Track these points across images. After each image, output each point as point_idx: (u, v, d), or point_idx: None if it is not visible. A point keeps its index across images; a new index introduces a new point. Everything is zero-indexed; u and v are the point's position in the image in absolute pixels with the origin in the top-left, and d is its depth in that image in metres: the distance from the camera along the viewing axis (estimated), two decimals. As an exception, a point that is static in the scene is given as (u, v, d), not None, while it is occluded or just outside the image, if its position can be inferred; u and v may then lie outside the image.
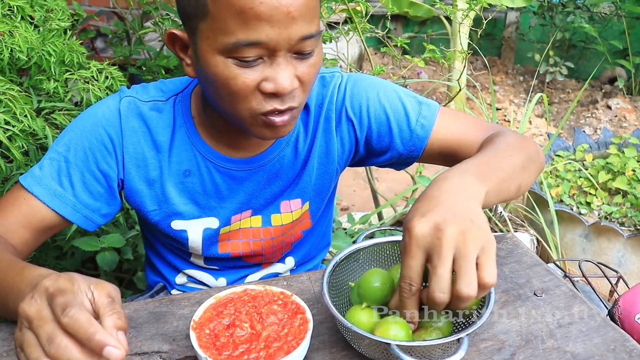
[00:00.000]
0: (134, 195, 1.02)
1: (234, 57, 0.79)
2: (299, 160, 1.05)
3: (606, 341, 0.84)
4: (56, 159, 0.96)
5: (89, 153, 0.96)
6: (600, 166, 2.87)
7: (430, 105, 1.04)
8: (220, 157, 1.01)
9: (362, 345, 0.76)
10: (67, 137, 0.97)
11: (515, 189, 0.91)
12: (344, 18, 2.13)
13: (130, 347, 0.82)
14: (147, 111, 0.99)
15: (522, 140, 0.98)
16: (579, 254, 2.52)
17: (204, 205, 1.04)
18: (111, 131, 0.97)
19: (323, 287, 0.80)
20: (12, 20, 1.29)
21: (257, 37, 0.77)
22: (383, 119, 1.03)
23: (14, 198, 0.95)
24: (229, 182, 1.03)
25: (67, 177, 0.96)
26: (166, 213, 1.03)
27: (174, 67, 2.20)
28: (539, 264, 1.03)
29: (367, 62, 4.69)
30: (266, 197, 1.06)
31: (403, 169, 1.14)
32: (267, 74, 0.81)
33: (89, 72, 1.38)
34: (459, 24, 2.02)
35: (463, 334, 0.71)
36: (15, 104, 1.16)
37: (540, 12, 4.67)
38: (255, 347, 0.73)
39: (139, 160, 0.99)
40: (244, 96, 0.83)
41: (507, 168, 0.87)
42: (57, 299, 0.61)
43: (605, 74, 4.76)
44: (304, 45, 0.81)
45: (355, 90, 1.04)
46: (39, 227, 0.95)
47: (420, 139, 1.03)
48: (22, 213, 0.93)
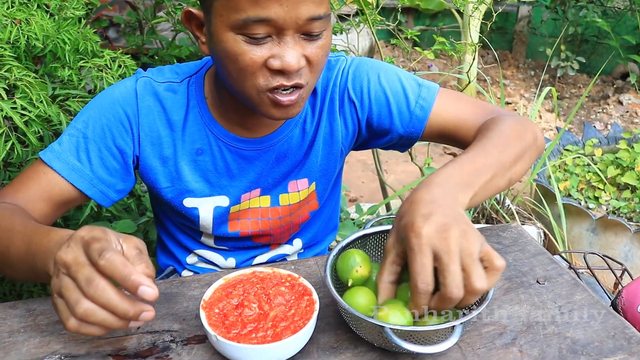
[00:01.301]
0: (149, 172, 1.05)
1: (244, 34, 0.83)
2: (306, 140, 1.08)
3: (606, 328, 0.85)
4: (75, 135, 0.99)
5: (107, 130, 1.00)
6: (609, 161, 2.87)
7: (429, 88, 1.06)
8: (231, 137, 1.04)
9: (359, 327, 0.78)
10: (85, 115, 1.00)
11: (505, 183, 0.92)
12: (355, 10, 2.14)
13: (141, 326, 0.85)
14: (162, 91, 1.02)
15: (520, 126, 0.98)
16: (585, 247, 2.53)
17: (215, 184, 1.07)
18: (128, 109, 1.00)
19: (326, 270, 0.82)
20: (28, 9, 1.32)
21: (266, 14, 0.80)
22: (383, 101, 1.05)
23: (33, 172, 0.98)
24: (239, 161, 1.06)
25: (85, 152, 0.99)
26: (179, 190, 1.06)
27: (185, 56, 2.22)
28: (542, 253, 1.05)
29: (378, 54, 4.69)
30: (274, 177, 1.09)
31: (405, 150, 1.16)
32: (274, 52, 0.84)
33: (103, 61, 1.41)
34: (469, 16, 2.03)
35: (457, 322, 0.73)
36: (32, 90, 1.18)
37: (552, 6, 4.66)
38: (263, 326, 0.75)
39: (154, 138, 1.02)
40: (251, 72, 0.86)
41: (496, 165, 0.88)
42: (93, 245, 0.66)
43: (617, 69, 4.74)
44: (312, 26, 0.84)
45: (357, 73, 1.06)
46: (58, 200, 0.98)
47: (420, 120, 1.05)
48: (41, 186, 0.97)
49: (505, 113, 1.03)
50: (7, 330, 0.84)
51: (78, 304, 0.66)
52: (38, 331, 0.83)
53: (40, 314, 0.87)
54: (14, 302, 0.90)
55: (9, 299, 1.46)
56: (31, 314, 0.87)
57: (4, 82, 1.14)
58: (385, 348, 0.78)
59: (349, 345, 0.81)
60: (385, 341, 0.75)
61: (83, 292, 0.66)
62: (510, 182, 0.93)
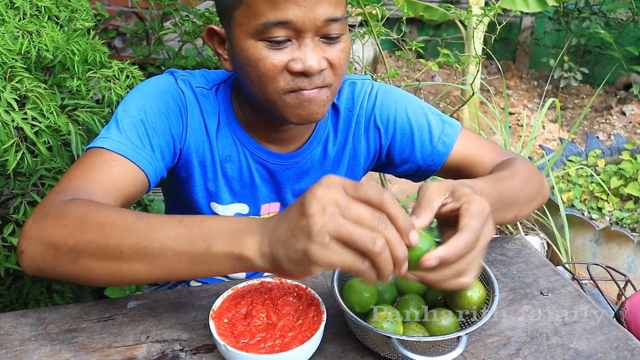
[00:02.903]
0: (188, 166, 1.04)
1: (264, 39, 0.86)
2: (327, 160, 1.11)
3: (609, 339, 0.86)
4: (132, 122, 0.94)
5: (164, 117, 0.98)
6: (612, 172, 2.88)
7: (453, 125, 1.11)
8: (257, 147, 1.06)
9: (366, 337, 0.79)
10: (138, 103, 0.96)
11: (512, 218, 0.98)
12: (359, 21, 2.16)
13: (151, 335, 0.86)
14: (199, 95, 1.03)
15: (534, 172, 1.05)
16: (589, 258, 2.53)
17: (237, 192, 1.09)
18: (179, 102, 1.00)
19: (333, 281, 0.83)
20: (39, 20, 1.34)
21: (285, 16, 0.83)
22: (407, 131, 1.10)
23: (100, 161, 0.90)
24: (262, 172, 1.08)
25: (146, 138, 0.95)
26: (209, 192, 1.08)
27: (192, 67, 2.24)
28: (546, 264, 1.06)
29: (381, 65, 4.72)
30: (294, 193, 1.12)
31: (419, 181, 1.19)
32: (295, 55, 0.87)
33: (111, 71, 1.42)
34: (473, 29, 2.05)
35: (462, 332, 0.74)
36: (42, 101, 1.20)
37: (555, 17, 4.68)
38: (271, 336, 0.76)
39: (197, 136, 1.03)
40: (272, 77, 0.88)
41: (516, 196, 0.94)
42: (347, 185, 0.63)
43: (620, 80, 4.76)
44: (330, 28, 0.87)
45: (385, 101, 1.11)
46: (130, 189, 0.91)
47: (441, 155, 1.09)
48: (114, 174, 0.89)
49: (520, 157, 1.08)
50: (19, 338, 0.85)
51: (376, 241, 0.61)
52: (49, 340, 0.85)
53: (50, 323, 0.88)
54: (25, 311, 0.91)
55: (16, 306, 1.47)
56: (42, 322, 0.89)
57: (15, 93, 1.16)
58: (391, 358, 0.79)
59: (355, 355, 0.82)
60: (392, 351, 0.76)
61: (372, 227, 0.61)
62: (515, 218, 0.99)
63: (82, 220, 0.76)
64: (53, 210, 0.80)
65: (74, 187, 0.85)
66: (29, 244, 0.79)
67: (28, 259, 0.80)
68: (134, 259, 0.73)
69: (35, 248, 0.79)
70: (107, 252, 0.74)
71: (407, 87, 2.20)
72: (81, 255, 0.76)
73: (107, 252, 0.74)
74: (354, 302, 0.81)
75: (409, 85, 2.09)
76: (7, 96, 1.12)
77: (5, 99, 1.12)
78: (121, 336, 0.86)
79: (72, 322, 0.89)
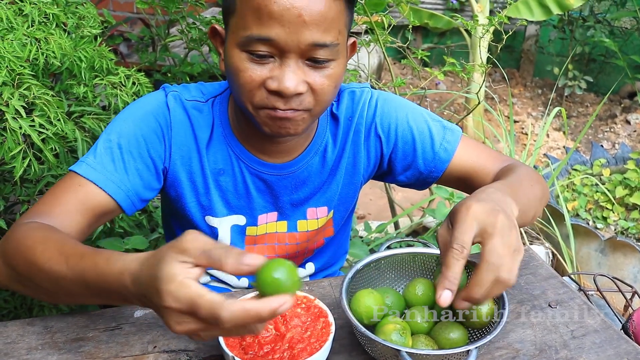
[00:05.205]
0: (177, 185, 1.05)
1: (248, 51, 0.86)
2: (326, 169, 1.10)
3: (619, 353, 0.86)
4: (109, 146, 0.98)
5: (141, 140, 0.99)
6: (617, 181, 2.87)
7: (454, 131, 1.11)
8: (253, 159, 1.05)
9: (375, 350, 0.79)
10: (118, 127, 0.99)
11: (531, 217, 0.98)
12: (364, 28, 2.17)
13: (158, 345, 0.86)
14: (190, 109, 1.03)
15: (536, 174, 1.06)
16: (594, 268, 2.52)
17: (233, 205, 1.08)
18: (161, 121, 1.01)
19: (342, 292, 0.83)
20: (47, 27, 1.34)
21: (267, 33, 0.83)
22: (409, 139, 1.09)
23: (67, 186, 0.95)
24: (258, 184, 1.07)
25: (121, 162, 0.97)
26: (202, 206, 1.07)
27: (197, 74, 2.25)
28: (554, 276, 1.05)
29: (386, 72, 4.72)
30: (292, 202, 1.10)
31: (421, 189, 1.19)
32: (274, 74, 0.87)
33: (117, 78, 1.43)
34: (479, 38, 2.05)
35: (472, 346, 0.74)
36: (50, 108, 1.20)
37: (560, 25, 4.68)
38: (280, 347, 0.76)
39: (184, 152, 1.03)
40: (249, 89, 0.89)
41: (530, 196, 0.95)
42: (200, 314, 0.63)
43: (624, 88, 4.75)
44: (315, 52, 0.86)
45: (386, 109, 1.10)
46: (95, 212, 0.95)
47: (442, 161, 1.09)
48: (78, 199, 0.94)
49: (520, 163, 1.08)
50: (25, 347, 0.85)
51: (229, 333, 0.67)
52: (56, 349, 0.85)
53: (57, 332, 0.88)
54: (32, 319, 0.91)
55: (20, 313, 1.46)
56: (49, 331, 0.88)
57: (23, 100, 1.16)
58: (399, 371, 0.79)
59: (363, 368, 0.82)
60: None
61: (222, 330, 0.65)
62: (533, 217, 0.99)
63: (16, 254, 0.84)
64: (9, 235, 0.88)
65: (40, 212, 0.92)
66: None
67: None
68: (59, 295, 0.83)
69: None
70: (38, 287, 0.83)
71: (412, 95, 2.20)
72: (24, 283, 0.85)
73: (38, 286, 0.83)
74: (362, 313, 0.80)
75: (415, 93, 2.09)
76: (15, 103, 1.13)
77: (13, 106, 1.12)
78: (128, 346, 0.86)
79: (78, 330, 0.89)
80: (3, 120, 1.12)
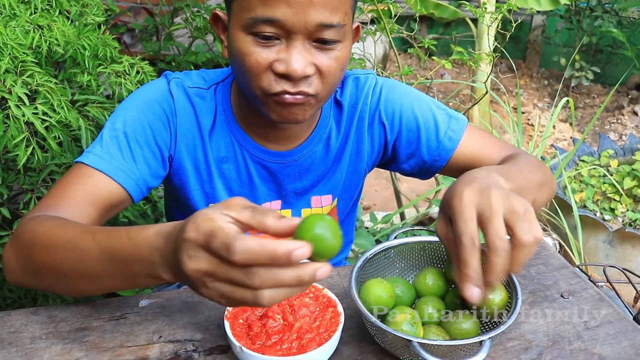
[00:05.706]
0: (181, 172, 1.04)
1: (253, 34, 0.84)
2: (330, 156, 1.08)
3: (634, 345, 0.84)
4: (115, 135, 0.96)
5: (147, 127, 0.98)
6: (625, 172, 2.84)
7: (459, 120, 1.09)
8: (256, 147, 1.03)
9: (385, 340, 0.77)
10: (122, 115, 0.98)
11: (530, 202, 0.92)
12: (370, 18, 2.14)
13: (163, 335, 0.84)
14: (193, 96, 1.02)
15: (539, 162, 1.04)
16: (602, 259, 2.50)
17: (236, 192, 1.07)
18: (166, 108, 0.99)
19: (351, 282, 0.81)
20: (50, 15, 1.33)
21: (273, 14, 0.81)
22: (413, 127, 1.07)
23: (75, 177, 0.93)
24: (261, 172, 1.06)
25: (128, 151, 0.96)
26: (206, 194, 1.06)
27: (202, 63, 2.23)
28: (565, 266, 1.03)
29: (391, 62, 4.69)
30: (296, 190, 1.09)
31: (425, 179, 1.17)
32: (281, 56, 0.84)
33: (121, 67, 1.41)
34: (487, 26, 2.02)
35: (485, 336, 0.72)
36: (53, 96, 1.19)
37: (567, 15, 4.63)
38: (288, 337, 0.75)
39: (188, 139, 1.02)
40: (256, 73, 0.86)
41: (527, 179, 0.91)
42: (213, 244, 0.58)
43: (632, 79, 4.71)
44: (323, 33, 0.84)
45: (390, 96, 1.08)
46: (105, 203, 0.93)
47: (447, 150, 1.07)
48: (87, 190, 0.92)
49: (525, 152, 1.07)
50: (29, 336, 0.84)
51: (257, 298, 0.59)
52: (60, 338, 0.83)
53: (61, 321, 0.87)
54: (36, 309, 0.90)
55: (25, 302, 1.45)
56: (52, 320, 0.87)
57: (26, 87, 1.14)
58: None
59: (373, 358, 0.80)
60: (412, 355, 0.74)
61: (249, 286, 0.58)
62: (533, 203, 0.93)
63: (32, 242, 0.81)
64: (19, 229, 0.85)
65: (48, 205, 0.89)
66: (7, 259, 0.86)
67: (8, 274, 0.87)
68: (80, 279, 0.78)
69: (10, 264, 0.85)
70: (57, 274, 0.80)
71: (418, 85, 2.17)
72: (41, 274, 0.82)
73: (57, 273, 0.80)
74: (372, 303, 0.79)
75: (421, 83, 2.06)
76: (18, 90, 1.11)
77: (16, 94, 1.11)
78: (133, 335, 0.84)
79: (83, 320, 0.87)
80: (6, 108, 1.10)
